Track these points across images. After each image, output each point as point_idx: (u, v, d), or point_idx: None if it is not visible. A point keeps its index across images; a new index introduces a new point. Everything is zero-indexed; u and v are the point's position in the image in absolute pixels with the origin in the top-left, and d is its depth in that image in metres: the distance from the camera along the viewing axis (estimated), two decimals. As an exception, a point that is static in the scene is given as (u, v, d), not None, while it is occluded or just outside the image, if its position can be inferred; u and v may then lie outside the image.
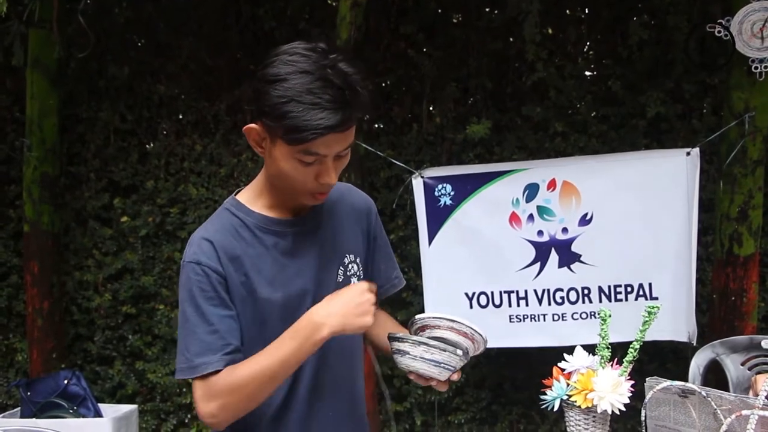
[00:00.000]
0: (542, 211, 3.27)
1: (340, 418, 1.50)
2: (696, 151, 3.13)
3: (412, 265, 3.74)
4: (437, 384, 1.40)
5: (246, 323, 1.40)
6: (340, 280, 1.49)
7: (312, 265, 1.45)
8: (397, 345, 1.38)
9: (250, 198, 1.47)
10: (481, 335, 1.41)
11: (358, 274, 1.54)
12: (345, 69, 1.29)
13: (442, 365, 1.35)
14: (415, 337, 1.37)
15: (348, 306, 1.33)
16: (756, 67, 3.02)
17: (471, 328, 1.40)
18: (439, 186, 3.35)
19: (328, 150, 1.31)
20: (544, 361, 1.68)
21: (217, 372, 1.34)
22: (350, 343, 1.52)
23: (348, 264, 1.51)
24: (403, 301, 3.91)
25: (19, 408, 3.47)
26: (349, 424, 1.53)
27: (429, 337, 1.38)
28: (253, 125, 1.36)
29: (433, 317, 1.41)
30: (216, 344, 1.35)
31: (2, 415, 3.49)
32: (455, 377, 1.40)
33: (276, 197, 1.45)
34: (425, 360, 1.34)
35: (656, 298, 3.17)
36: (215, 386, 1.35)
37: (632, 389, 1.48)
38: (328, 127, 1.26)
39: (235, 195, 1.50)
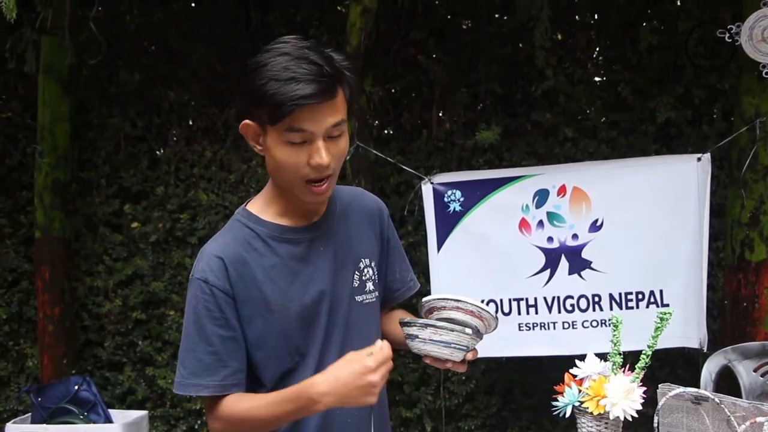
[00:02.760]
0: (552, 217, 3.26)
1: (360, 425, 1.48)
2: (707, 156, 3.11)
3: (422, 271, 3.73)
4: (453, 365, 1.39)
5: (266, 335, 1.40)
6: (356, 285, 1.49)
7: (327, 272, 1.44)
8: (406, 330, 1.38)
9: (261, 207, 1.46)
10: (489, 312, 1.40)
11: (373, 278, 1.53)
12: (326, 51, 1.32)
13: (453, 345, 1.34)
14: (422, 320, 1.37)
15: (349, 387, 1.28)
16: (767, 73, 3.01)
17: (476, 306, 1.40)
18: (449, 192, 3.35)
19: (314, 125, 1.30)
20: (555, 367, 1.68)
21: (220, 395, 1.38)
22: (369, 340, 1.52)
23: (363, 268, 1.51)
24: (413, 306, 3.89)
25: (29, 414, 3.48)
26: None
27: (437, 319, 1.38)
28: (246, 121, 1.36)
29: (439, 299, 1.42)
30: (213, 366, 1.36)
31: (13, 420, 3.50)
32: (470, 356, 1.39)
33: (286, 203, 1.44)
34: (435, 342, 1.34)
35: (667, 305, 3.16)
36: (220, 409, 1.39)
37: (644, 395, 1.47)
38: (303, 96, 1.26)
39: (246, 206, 1.49)
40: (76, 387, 3.38)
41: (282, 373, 1.42)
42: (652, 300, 3.19)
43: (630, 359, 1.56)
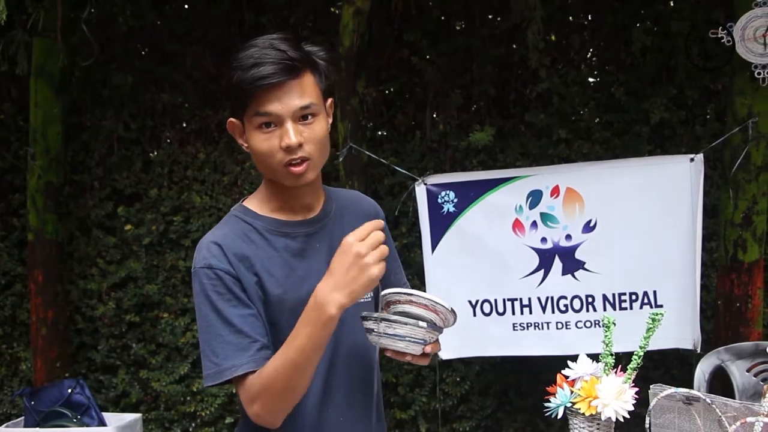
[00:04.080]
0: (546, 217, 3.26)
1: (354, 424, 1.48)
2: (700, 157, 3.12)
3: (416, 273, 3.73)
4: (414, 359, 1.37)
5: None
6: None
7: (322, 267, 1.41)
8: (364, 324, 1.37)
9: (258, 204, 1.47)
10: (443, 306, 1.38)
11: None
12: (298, 41, 1.36)
13: (407, 339, 1.33)
14: (376, 314, 1.36)
15: (346, 271, 1.27)
16: (759, 73, 3.02)
17: (429, 299, 1.38)
18: (442, 193, 3.35)
19: (279, 107, 1.33)
20: (550, 368, 1.68)
21: (251, 373, 1.33)
22: (364, 345, 1.52)
23: None
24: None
25: (23, 417, 3.46)
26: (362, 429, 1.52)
27: (393, 313, 1.38)
28: (231, 119, 1.41)
29: (394, 292, 1.41)
30: (243, 343, 1.34)
31: (6, 424, 3.49)
32: (429, 349, 1.36)
33: (282, 199, 1.45)
34: (389, 336, 1.33)
35: (661, 306, 3.16)
36: (252, 388, 1.34)
37: (636, 396, 1.47)
38: (262, 77, 1.30)
39: (242, 202, 1.50)
40: (70, 390, 3.37)
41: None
42: (645, 301, 3.19)
43: (624, 360, 1.56)
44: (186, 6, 4.40)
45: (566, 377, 1.53)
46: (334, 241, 1.46)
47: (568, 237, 3.24)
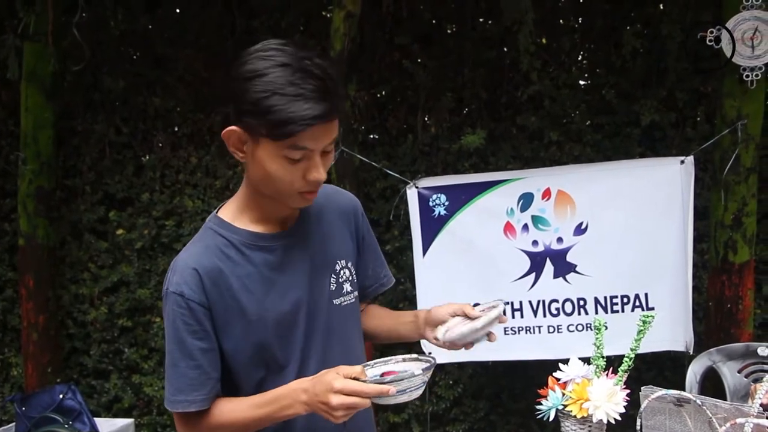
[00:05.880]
0: (537, 220, 3.27)
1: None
2: (690, 159, 3.13)
3: (408, 276, 3.74)
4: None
5: (243, 346, 1.39)
6: (333, 288, 1.48)
7: (303, 278, 1.43)
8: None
9: (234, 214, 1.43)
10: (415, 357, 1.41)
11: (350, 278, 1.52)
12: (321, 62, 1.29)
13: (408, 391, 1.31)
14: (370, 377, 1.34)
15: (317, 400, 1.27)
16: (747, 75, 3.04)
17: (402, 357, 1.41)
18: (434, 196, 3.35)
19: (315, 143, 1.28)
20: (543, 371, 1.68)
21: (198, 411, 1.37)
22: (354, 352, 1.52)
23: (339, 270, 1.50)
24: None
25: (13, 423, 3.44)
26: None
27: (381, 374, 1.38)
28: (232, 128, 1.30)
29: (373, 365, 1.41)
30: (198, 380, 1.36)
31: (-3, 430, 3.47)
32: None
33: (261, 210, 1.41)
34: (395, 395, 1.30)
35: (652, 308, 3.17)
36: (196, 421, 1.38)
37: (627, 398, 1.48)
38: (315, 117, 1.23)
39: (217, 212, 1.45)
40: (61, 396, 3.35)
41: (260, 380, 1.41)
42: (637, 303, 3.20)
43: (616, 363, 1.57)
44: (178, 10, 4.40)
45: (558, 380, 1.54)
46: (314, 248, 1.46)
47: (560, 240, 3.25)
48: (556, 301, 3.26)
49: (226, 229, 1.41)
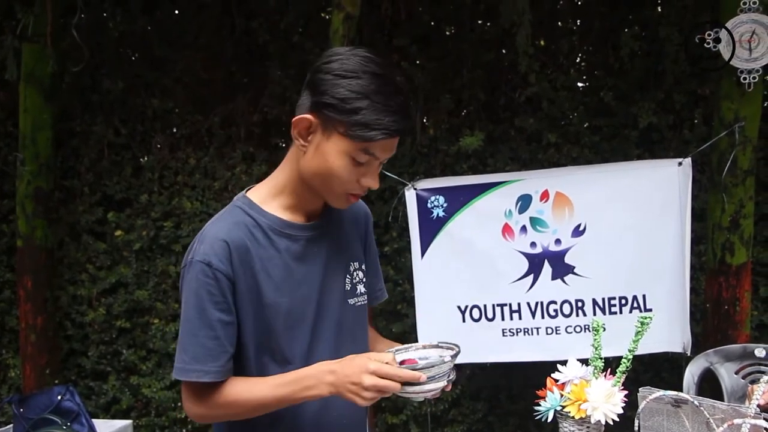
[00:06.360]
0: (535, 222, 3.27)
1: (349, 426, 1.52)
2: (688, 161, 3.14)
3: (407, 277, 3.74)
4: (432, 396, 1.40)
5: (253, 330, 1.40)
6: (348, 287, 1.51)
7: (319, 273, 1.45)
8: None
9: (264, 197, 1.46)
10: (447, 344, 1.44)
11: (362, 280, 1.56)
12: (403, 80, 1.36)
13: (436, 378, 1.33)
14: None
15: (346, 379, 1.30)
16: (745, 78, 3.05)
17: (431, 344, 1.45)
18: (432, 198, 3.36)
19: (382, 154, 1.36)
20: (541, 372, 1.69)
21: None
22: (362, 342, 1.55)
23: (354, 271, 1.53)
24: (398, 313, 3.91)
25: (11, 425, 3.44)
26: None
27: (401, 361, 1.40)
28: (306, 115, 1.35)
29: (398, 350, 1.44)
30: (216, 351, 1.35)
31: (-5, 431, 3.47)
32: (448, 387, 1.40)
33: (295, 198, 1.45)
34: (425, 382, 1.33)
35: (650, 310, 3.17)
36: (207, 394, 1.38)
37: (626, 399, 1.48)
38: (396, 130, 1.32)
39: (245, 193, 1.48)
40: (59, 397, 3.34)
41: (265, 370, 1.43)
42: (635, 305, 3.20)
43: (614, 364, 1.57)
44: (176, 11, 4.40)
45: (556, 381, 1.54)
46: (332, 246, 1.49)
47: (558, 241, 3.25)
48: (555, 302, 3.26)
49: (254, 211, 1.43)
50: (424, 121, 4.11)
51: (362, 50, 1.34)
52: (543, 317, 3.27)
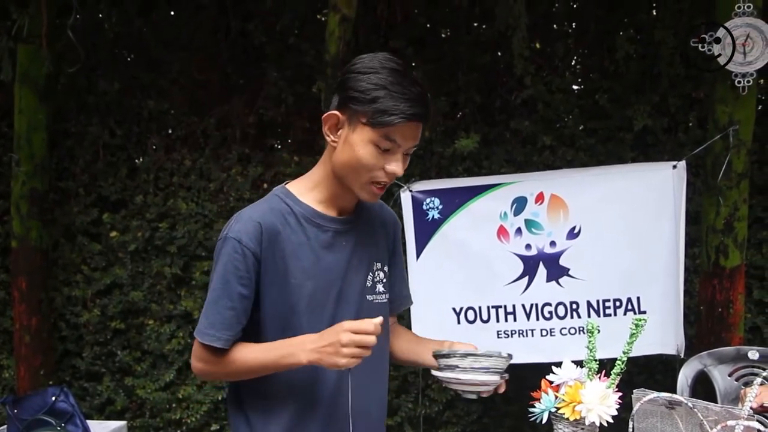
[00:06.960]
0: (530, 224, 3.28)
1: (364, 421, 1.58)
2: (682, 164, 3.16)
3: (402, 279, 3.74)
4: (487, 392, 1.54)
5: (274, 309, 1.51)
6: (369, 285, 1.61)
7: (343, 263, 1.56)
8: (445, 361, 1.50)
9: (302, 190, 1.57)
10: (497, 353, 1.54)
11: (383, 281, 1.65)
12: (419, 78, 1.48)
13: (491, 370, 1.47)
14: (462, 350, 1.50)
15: (325, 343, 1.40)
16: (739, 81, 3.06)
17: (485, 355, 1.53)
18: (428, 200, 3.36)
19: (404, 140, 1.47)
20: (536, 374, 1.69)
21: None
22: (379, 340, 1.56)
23: (376, 271, 1.63)
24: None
25: (5, 426, 3.43)
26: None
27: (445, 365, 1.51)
28: (334, 112, 1.49)
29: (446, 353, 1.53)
30: (230, 321, 1.49)
31: (-12, 432, 3.46)
32: (502, 389, 1.56)
33: (328, 193, 1.56)
34: (475, 369, 1.47)
35: (644, 312, 3.18)
36: (213, 356, 1.51)
37: (620, 401, 1.49)
38: (412, 114, 1.42)
39: (285, 185, 1.60)
40: (54, 398, 3.33)
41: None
42: (629, 307, 3.21)
43: (608, 366, 1.58)
44: (172, 12, 4.40)
45: (551, 383, 1.55)
46: (359, 243, 1.60)
47: (553, 244, 3.27)
48: (549, 304, 3.27)
49: (290, 200, 1.56)
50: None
51: (383, 53, 1.49)
52: (538, 319, 3.28)
